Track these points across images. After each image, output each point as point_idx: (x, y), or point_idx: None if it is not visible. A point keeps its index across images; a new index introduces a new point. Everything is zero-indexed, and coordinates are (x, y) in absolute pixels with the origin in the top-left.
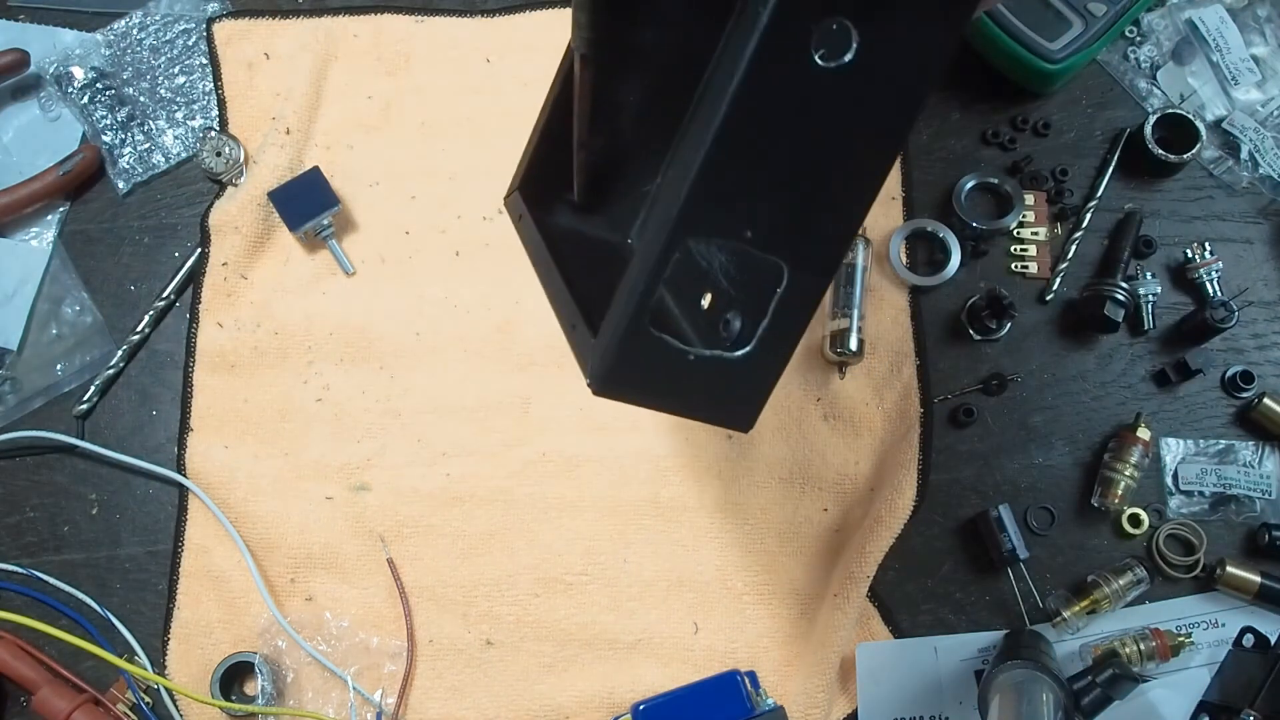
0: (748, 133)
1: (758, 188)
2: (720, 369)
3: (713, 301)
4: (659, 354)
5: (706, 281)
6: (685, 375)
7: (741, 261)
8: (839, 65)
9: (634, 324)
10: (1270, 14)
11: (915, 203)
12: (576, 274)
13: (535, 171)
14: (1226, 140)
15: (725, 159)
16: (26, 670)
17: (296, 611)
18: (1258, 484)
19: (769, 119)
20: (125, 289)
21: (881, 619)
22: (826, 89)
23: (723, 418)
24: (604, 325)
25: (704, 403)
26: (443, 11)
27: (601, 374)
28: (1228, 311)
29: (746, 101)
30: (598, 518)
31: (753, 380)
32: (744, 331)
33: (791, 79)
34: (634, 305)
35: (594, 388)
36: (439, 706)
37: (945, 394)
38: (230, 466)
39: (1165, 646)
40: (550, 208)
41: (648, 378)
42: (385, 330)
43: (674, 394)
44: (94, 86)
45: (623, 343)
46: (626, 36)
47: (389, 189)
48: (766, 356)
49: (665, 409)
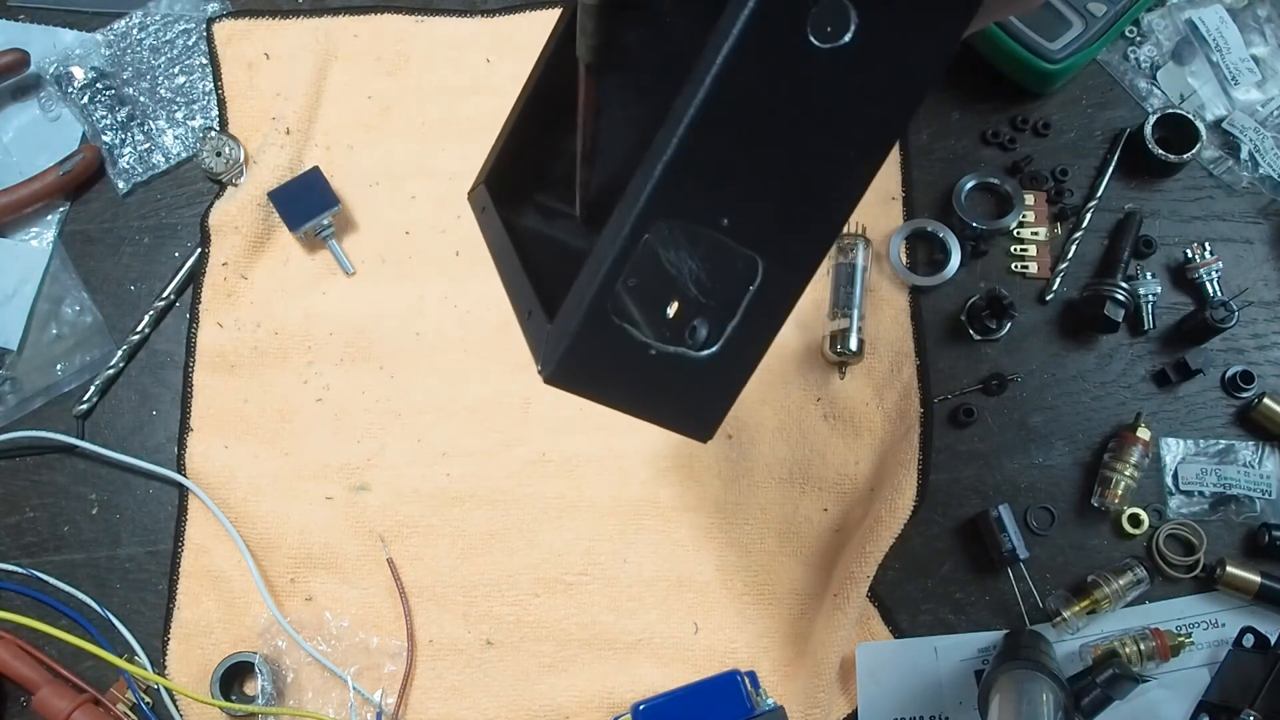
0: (732, 110)
1: (739, 171)
2: (683, 368)
3: (679, 310)
4: (619, 344)
5: (674, 288)
6: (645, 371)
7: (713, 262)
8: (836, 46)
9: (595, 308)
10: (1270, 14)
11: (915, 203)
12: (538, 268)
13: (501, 167)
14: (1226, 140)
15: (706, 136)
16: (26, 670)
17: (296, 611)
18: (1258, 484)
19: (756, 97)
20: (125, 289)
21: (881, 619)
22: (821, 71)
23: (681, 423)
24: (562, 310)
25: (662, 404)
26: (443, 11)
27: (555, 360)
28: (1228, 311)
29: (734, 76)
30: (598, 518)
31: (717, 385)
32: (710, 335)
33: (784, 56)
34: (596, 288)
35: (545, 374)
36: (439, 706)
37: (945, 394)
38: (230, 466)
39: (1165, 646)
40: (513, 205)
41: (605, 369)
42: (385, 330)
43: (631, 391)
44: (94, 86)
45: (581, 327)
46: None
47: (389, 189)
48: (733, 359)
49: (620, 406)
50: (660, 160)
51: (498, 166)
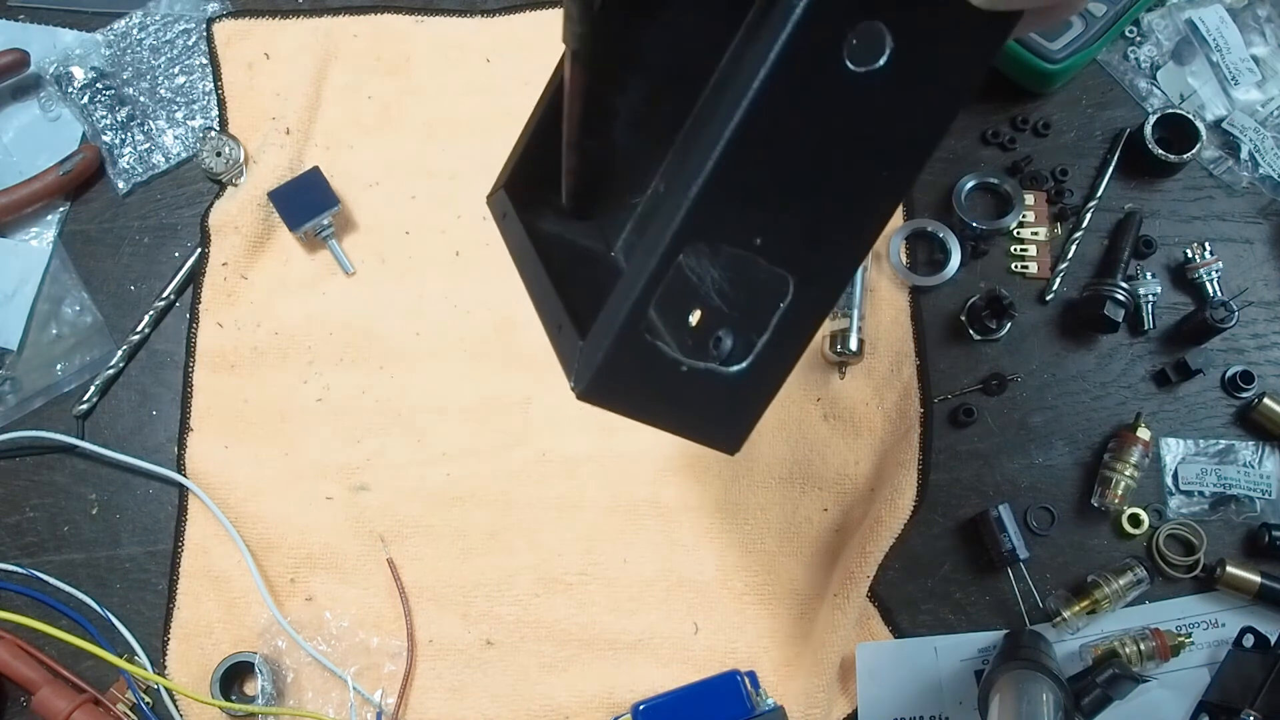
0: (767, 133)
1: (772, 193)
2: (712, 384)
3: (701, 318)
4: (650, 362)
5: (696, 297)
6: (675, 387)
7: (739, 275)
8: (870, 70)
9: (629, 327)
10: (1270, 14)
11: (915, 203)
12: (562, 276)
13: (522, 171)
14: (1226, 140)
15: (742, 159)
16: (26, 670)
17: (296, 611)
18: (1258, 484)
19: (791, 121)
20: (125, 289)
21: (881, 619)
22: (855, 94)
23: (709, 436)
24: (595, 327)
25: (691, 418)
26: (443, 11)
27: (589, 378)
28: (1228, 311)
29: (769, 100)
30: (598, 518)
31: (745, 399)
32: (736, 349)
33: (819, 80)
34: (630, 308)
35: (578, 391)
36: (439, 706)
37: (945, 394)
38: (230, 466)
39: (1165, 646)
40: (535, 210)
41: (637, 386)
42: (385, 330)
43: (661, 406)
44: (94, 86)
45: (615, 346)
46: (625, 37)
47: (389, 189)
48: (763, 375)
49: (650, 421)
50: (695, 182)
51: (518, 170)
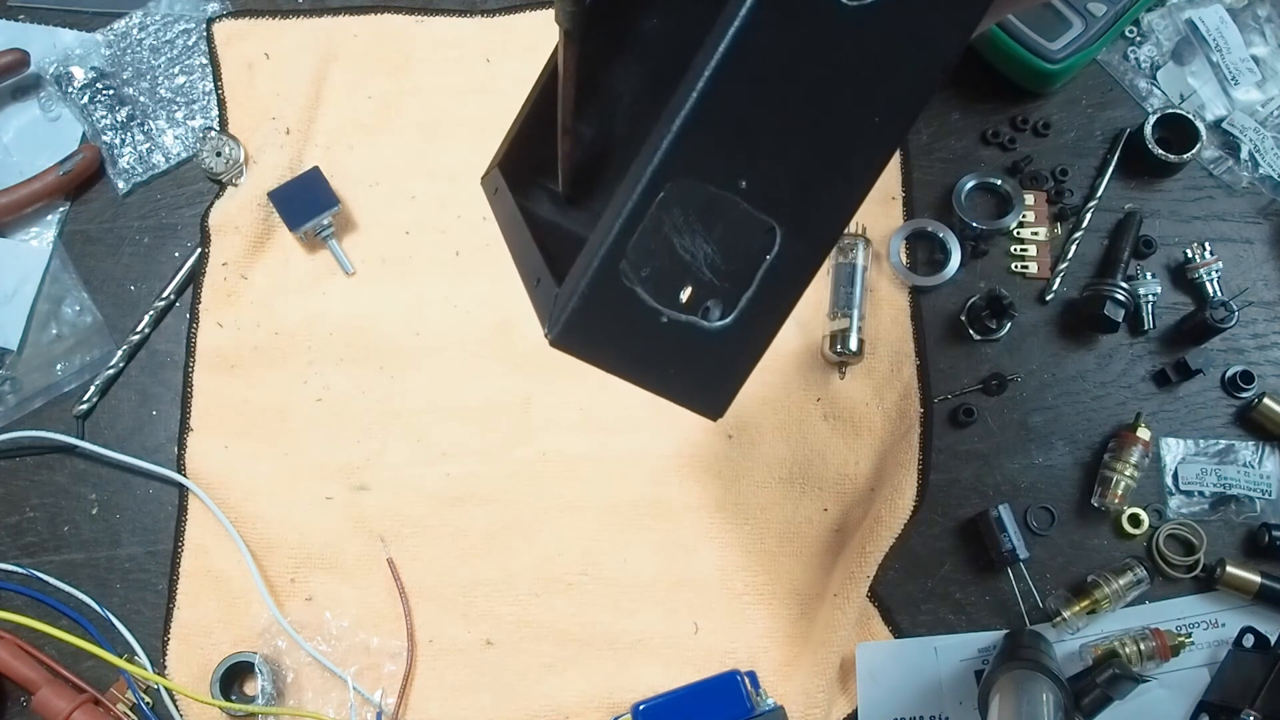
0: (754, 65)
1: (759, 131)
2: (694, 339)
3: (692, 294)
4: (628, 308)
5: (688, 274)
6: (655, 339)
7: (730, 228)
8: (863, 4)
9: (606, 266)
10: (1270, 14)
11: (915, 203)
12: (548, 249)
13: (516, 153)
14: (1226, 140)
15: (727, 91)
16: (26, 670)
17: (296, 611)
18: (1258, 484)
19: (780, 53)
20: (125, 289)
21: (881, 619)
22: (847, 29)
23: (691, 397)
24: (572, 270)
25: (672, 376)
26: (443, 11)
27: (563, 320)
28: (1228, 311)
29: (757, 29)
30: (598, 518)
31: (729, 359)
32: (724, 307)
33: (810, 11)
34: (609, 245)
35: (551, 336)
36: (439, 706)
37: (945, 394)
38: (230, 466)
39: (1165, 646)
40: (530, 195)
41: (613, 333)
42: (385, 330)
43: (640, 359)
44: (94, 86)
45: (591, 286)
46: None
47: (389, 189)
48: (747, 332)
49: (627, 375)
50: (679, 114)
51: (513, 150)
